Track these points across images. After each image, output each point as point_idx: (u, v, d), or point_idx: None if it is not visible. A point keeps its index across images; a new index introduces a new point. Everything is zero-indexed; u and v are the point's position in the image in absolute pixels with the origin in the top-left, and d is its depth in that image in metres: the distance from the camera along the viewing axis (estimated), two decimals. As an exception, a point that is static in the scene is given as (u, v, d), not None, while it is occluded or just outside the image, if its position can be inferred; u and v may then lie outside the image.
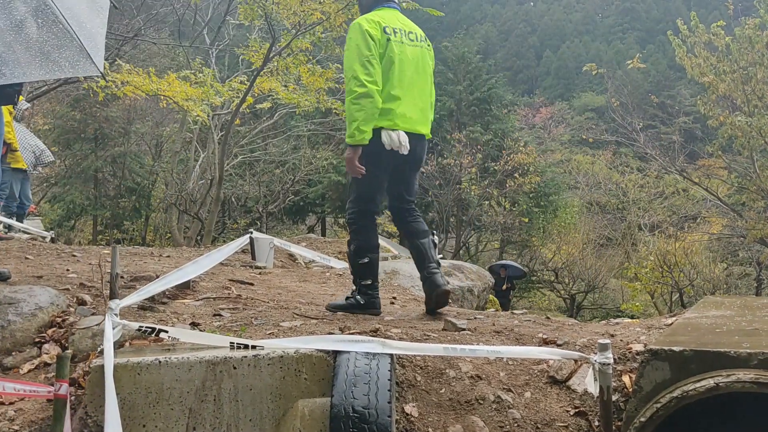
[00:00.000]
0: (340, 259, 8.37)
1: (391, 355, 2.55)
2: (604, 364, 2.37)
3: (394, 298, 4.63)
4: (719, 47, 14.45)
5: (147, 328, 2.79)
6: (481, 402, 2.59)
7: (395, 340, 2.88)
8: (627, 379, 2.56)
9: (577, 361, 2.69)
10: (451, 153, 22.89)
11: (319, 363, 2.56)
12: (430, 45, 3.80)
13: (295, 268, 6.76)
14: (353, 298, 3.64)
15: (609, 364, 2.38)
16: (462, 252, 25.11)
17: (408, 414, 2.52)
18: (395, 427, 2.43)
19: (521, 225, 22.86)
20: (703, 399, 2.47)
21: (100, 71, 2.77)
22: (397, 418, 2.49)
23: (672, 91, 45.09)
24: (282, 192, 18.35)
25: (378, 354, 2.52)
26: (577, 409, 2.56)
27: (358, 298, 3.61)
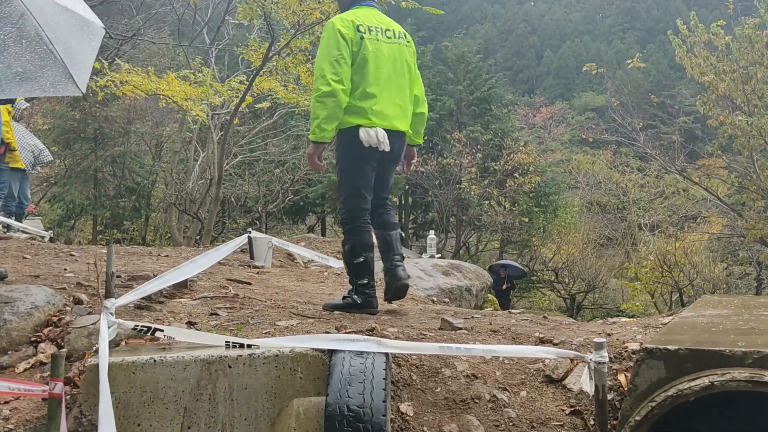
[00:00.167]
0: (339, 258, 8.36)
1: (386, 354, 2.55)
2: (599, 362, 2.38)
3: (392, 298, 4.61)
4: (719, 47, 14.43)
5: (143, 327, 2.79)
6: (477, 401, 2.58)
7: (391, 339, 2.88)
8: (623, 377, 2.56)
9: (573, 360, 2.69)
10: (451, 153, 22.89)
11: (315, 362, 2.55)
12: (410, 41, 3.80)
13: (293, 267, 6.76)
14: (350, 297, 3.65)
15: (604, 363, 2.38)
16: (462, 252, 25.09)
17: (403, 413, 2.51)
18: (390, 426, 2.42)
19: (521, 225, 22.86)
20: (699, 398, 2.47)
21: (82, 91, 2.89)
22: (393, 417, 2.48)
23: (672, 90, 45.02)
24: (282, 192, 18.36)
25: (373, 353, 2.52)
26: (572, 408, 2.56)
27: (355, 297, 3.62)
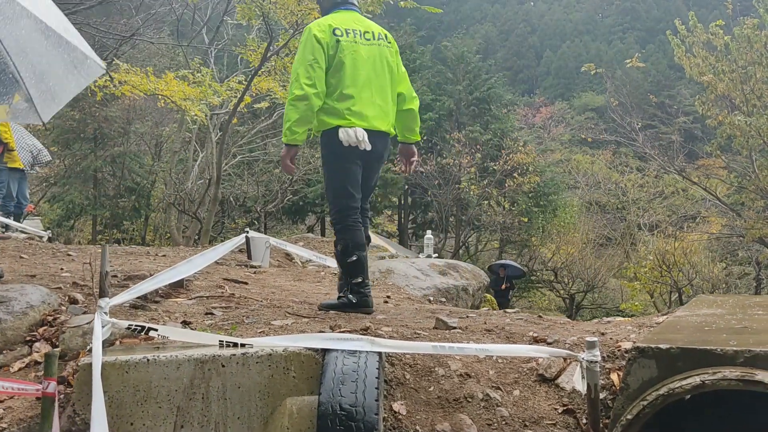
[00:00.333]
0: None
1: (379, 354, 2.55)
2: (591, 361, 2.38)
3: (388, 297, 4.63)
4: (718, 47, 14.43)
5: (136, 326, 2.79)
6: (470, 400, 2.59)
7: (385, 338, 2.88)
8: (615, 376, 2.56)
9: (566, 359, 2.69)
10: (451, 153, 22.91)
11: (308, 361, 2.56)
12: (392, 42, 3.81)
13: (291, 267, 6.76)
14: (345, 297, 3.65)
15: (596, 362, 2.38)
16: (462, 252, 25.10)
17: (396, 412, 2.52)
18: (382, 425, 2.43)
19: (520, 225, 22.88)
20: (692, 397, 2.47)
21: (42, 121, 3.03)
22: (385, 416, 2.49)
23: (672, 90, 44.99)
24: (281, 192, 18.35)
25: (366, 352, 2.52)
26: (565, 407, 2.56)
27: (350, 297, 3.62)
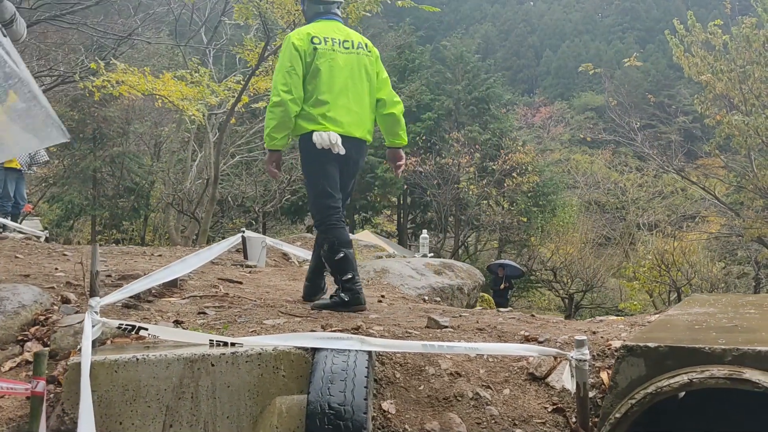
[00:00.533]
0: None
1: (369, 353, 2.55)
2: (580, 360, 2.38)
3: (383, 297, 4.62)
4: (716, 46, 14.43)
5: (127, 325, 2.79)
6: (460, 399, 2.58)
7: (377, 337, 2.88)
8: (605, 375, 2.56)
9: (556, 358, 2.69)
10: (450, 152, 22.90)
11: (298, 360, 2.56)
12: (371, 51, 3.88)
13: (287, 267, 6.76)
14: (337, 296, 3.65)
15: (585, 361, 2.38)
16: (461, 251, 25.09)
17: (385, 411, 2.51)
18: (371, 424, 2.43)
19: (520, 224, 22.86)
20: (687, 395, 2.46)
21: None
22: (374, 414, 2.49)
23: (672, 90, 44.93)
24: (279, 191, 18.34)
25: (356, 351, 2.52)
26: (555, 406, 2.56)
27: (342, 295, 3.62)
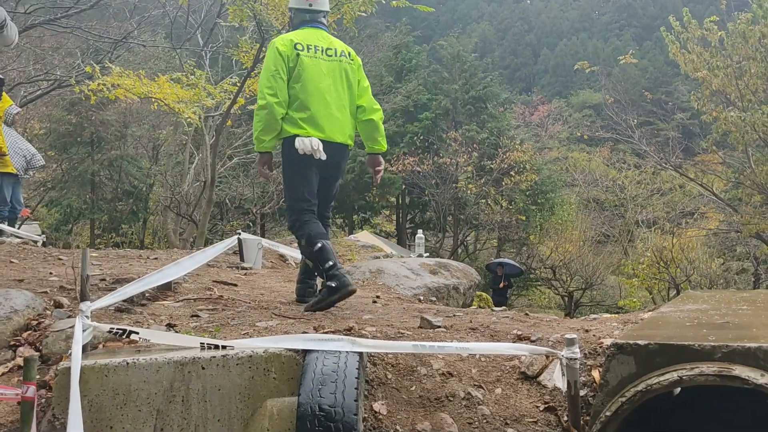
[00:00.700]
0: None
1: (360, 354, 2.55)
2: (570, 358, 2.38)
3: (378, 297, 4.61)
4: (712, 42, 14.43)
5: (118, 329, 2.79)
6: (451, 399, 2.58)
7: (369, 338, 2.88)
8: (596, 373, 2.56)
9: (548, 357, 2.69)
10: (447, 152, 22.89)
11: (289, 362, 2.55)
12: (354, 60, 3.97)
13: (283, 268, 6.75)
14: (325, 288, 3.66)
15: (576, 359, 2.38)
16: (460, 251, 25.08)
17: (377, 412, 2.51)
18: (362, 425, 2.42)
19: (518, 223, 22.87)
20: (684, 392, 2.46)
21: None
22: (365, 416, 2.48)
23: (669, 87, 44.97)
24: (277, 193, 18.33)
25: (346, 352, 2.52)
26: (546, 405, 2.56)
27: (329, 283, 3.62)
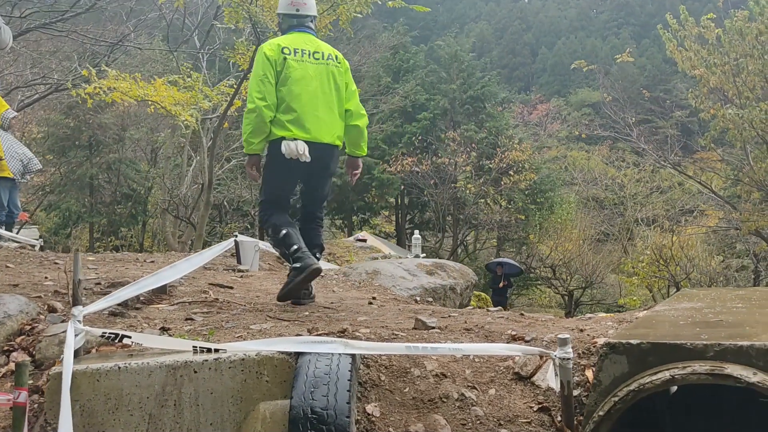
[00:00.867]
0: (329, 260, 8.36)
1: (353, 356, 2.54)
2: (563, 359, 2.37)
3: (374, 298, 4.61)
4: (710, 40, 14.43)
5: (111, 334, 2.78)
6: (445, 400, 2.57)
7: (363, 340, 2.87)
8: (590, 373, 2.55)
9: (542, 357, 2.68)
10: (446, 152, 22.89)
11: (281, 365, 2.54)
12: (341, 63, 4.04)
13: (280, 271, 6.73)
14: (291, 271, 3.80)
15: (569, 359, 2.37)
16: (460, 251, 25.08)
17: (369, 414, 2.50)
18: (355, 428, 2.41)
19: (518, 222, 22.86)
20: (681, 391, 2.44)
21: None
22: (358, 418, 2.47)
23: (668, 85, 44.88)
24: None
25: (339, 354, 2.51)
26: (540, 405, 2.55)
27: (294, 266, 3.75)
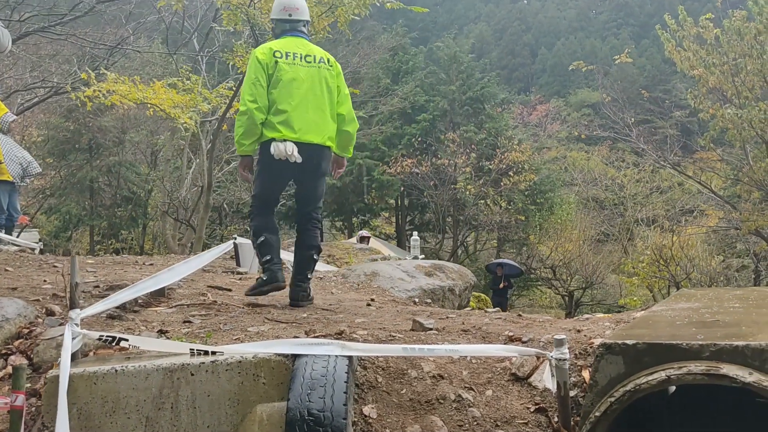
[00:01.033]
0: (327, 262, 8.37)
1: (349, 358, 2.54)
2: (559, 359, 2.37)
3: (372, 300, 4.61)
4: (708, 40, 14.44)
5: (108, 337, 2.78)
6: (442, 401, 2.57)
7: (360, 342, 2.87)
8: (586, 374, 2.55)
9: (539, 358, 2.68)
10: (446, 153, 22.90)
11: (278, 367, 2.55)
12: (333, 66, 4.12)
13: (280, 272, 6.73)
14: (260, 277, 3.98)
15: (565, 360, 2.38)
16: (460, 252, 25.07)
17: (366, 416, 2.50)
18: (352, 430, 2.41)
19: (518, 223, 22.85)
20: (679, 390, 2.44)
21: None
22: (355, 419, 2.48)
23: (668, 85, 44.85)
24: (275, 197, 18.33)
25: (335, 356, 2.51)
26: (537, 406, 2.55)
27: (262, 276, 3.94)
